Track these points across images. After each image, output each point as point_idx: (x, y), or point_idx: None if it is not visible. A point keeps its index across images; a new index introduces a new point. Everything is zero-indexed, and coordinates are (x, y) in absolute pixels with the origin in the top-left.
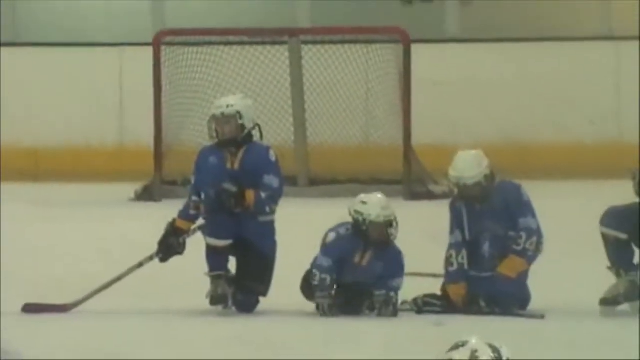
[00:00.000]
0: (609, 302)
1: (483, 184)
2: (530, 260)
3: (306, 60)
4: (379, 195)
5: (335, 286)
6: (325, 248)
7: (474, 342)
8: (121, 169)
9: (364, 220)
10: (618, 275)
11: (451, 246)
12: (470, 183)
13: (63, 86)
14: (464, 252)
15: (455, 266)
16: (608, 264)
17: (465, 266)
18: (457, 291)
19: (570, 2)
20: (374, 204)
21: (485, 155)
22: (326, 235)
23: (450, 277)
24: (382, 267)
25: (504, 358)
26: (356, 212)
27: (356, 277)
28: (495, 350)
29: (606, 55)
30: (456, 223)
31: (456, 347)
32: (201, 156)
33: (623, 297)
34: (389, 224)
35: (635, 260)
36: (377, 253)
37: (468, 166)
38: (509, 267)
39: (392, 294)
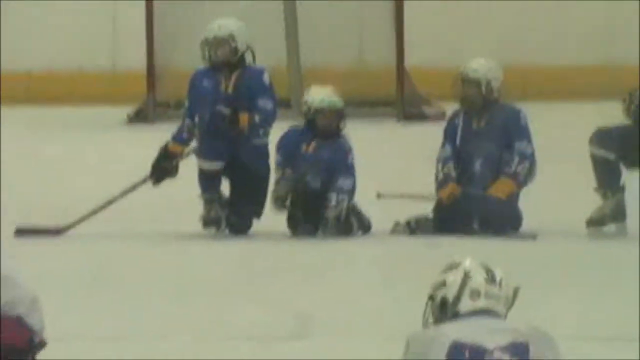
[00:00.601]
0: (595, 222)
1: (484, 90)
2: (521, 183)
3: None
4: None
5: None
6: (277, 143)
7: (467, 262)
8: (115, 92)
9: (309, 108)
10: (605, 196)
11: (438, 160)
12: (478, 77)
13: (55, 9)
14: (451, 164)
15: (441, 175)
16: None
17: (452, 173)
18: (447, 190)
19: None
20: (318, 91)
21: None
22: None
23: (438, 185)
24: (328, 156)
25: (498, 278)
26: (304, 102)
27: (304, 166)
28: (488, 270)
29: None
30: (449, 136)
31: (449, 268)
32: (195, 79)
33: (609, 218)
34: (336, 112)
35: (622, 181)
36: (324, 142)
37: (492, 65)
38: (499, 189)
39: (342, 198)
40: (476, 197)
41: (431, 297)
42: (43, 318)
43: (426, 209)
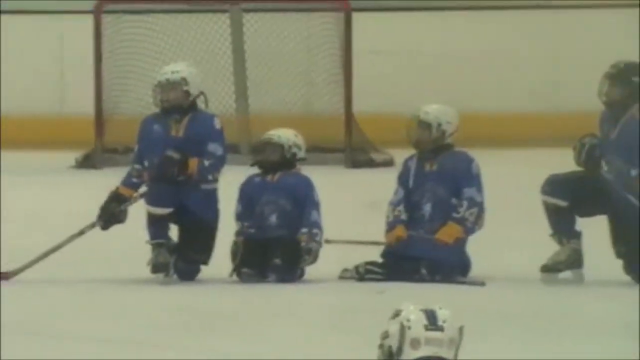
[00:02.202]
0: (549, 268)
1: (434, 133)
2: (469, 230)
3: (247, 28)
4: None
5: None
6: (239, 192)
7: (406, 311)
8: (63, 137)
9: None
10: (560, 242)
11: (389, 203)
12: (429, 120)
13: (4, 54)
14: (401, 206)
15: (391, 218)
16: (550, 232)
17: (402, 217)
18: (394, 234)
19: None
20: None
21: None
22: None
23: (387, 228)
24: (292, 185)
25: (440, 322)
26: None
27: (268, 194)
28: (430, 316)
29: (544, 24)
30: (402, 180)
31: (393, 316)
32: (145, 124)
33: (564, 265)
34: (284, 147)
35: (577, 228)
36: (286, 174)
37: (445, 109)
38: (446, 233)
39: (315, 231)
40: (424, 241)
41: (380, 346)
42: None
43: (375, 254)
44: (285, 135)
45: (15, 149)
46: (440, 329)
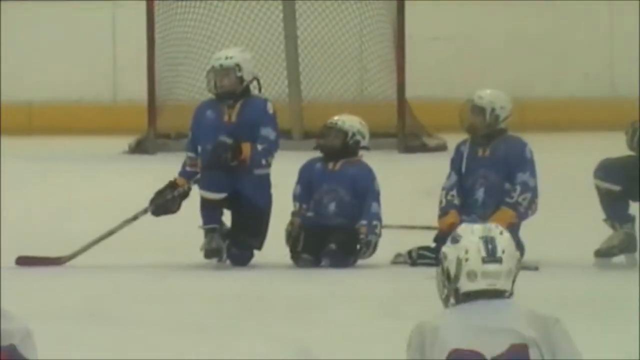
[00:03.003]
0: (603, 253)
1: (488, 117)
2: (522, 215)
3: (300, 14)
4: None
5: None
6: (298, 174)
7: (465, 240)
8: (116, 124)
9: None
10: (613, 227)
11: (442, 188)
12: (483, 104)
13: (57, 41)
14: (454, 191)
15: (444, 203)
16: (603, 216)
17: (455, 202)
18: (447, 220)
19: None
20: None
21: None
22: None
23: (440, 214)
24: (353, 175)
25: (499, 253)
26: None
27: (329, 183)
28: (488, 246)
29: (600, 11)
30: (455, 165)
31: (452, 240)
32: (198, 111)
33: (618, 249)
34: (348, 133)
35: (630, 212)
36: (348, 163)
37: (499, 94)
38: (499, 218)
39: (375, 223)
40: None
41: (439, 267)
42: (37, 352)
43: (427, 239)
44: (349, 121)
45: (69, 135)
46: (499, 260)
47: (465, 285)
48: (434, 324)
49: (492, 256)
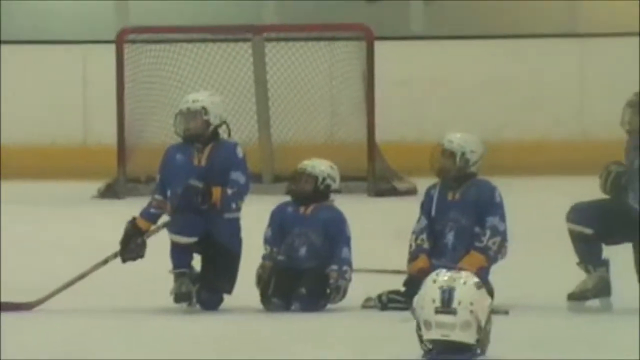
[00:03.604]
0: (576, 296)
1: (458, 161)
2: (492, 259)
3: (270, 58)
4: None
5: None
6: (270, 218)
7: (424, 289)
8: (86, 167)
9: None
10: (587, 271)
11: (412, 232)
12: (453, 148)
13: (27, 84)
14: (424, 235)
15: (413, 247)
16: (577, 260)
17: (425, 246)
18: (416, 265)
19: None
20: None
21: None
22: None
23: (409, 258)
24: (325, 220)
25: (455, 304)
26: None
27: (300, 227)
28: (444, 297)
29: (570, 53)
30: (425, 209)
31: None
32: (168, 154)
33: (591, 293)
34: (318, 178)
35: (604, 256)
36: (320, 207)
37: (469, 137)
38: (469, 262)
39: (345, 268)
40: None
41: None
42: None
43: (398, 283)
44: (320, 166)
45: (38, 179)
46: (453, 312)
47: (424, 334)
48: None
49: (445, 307)
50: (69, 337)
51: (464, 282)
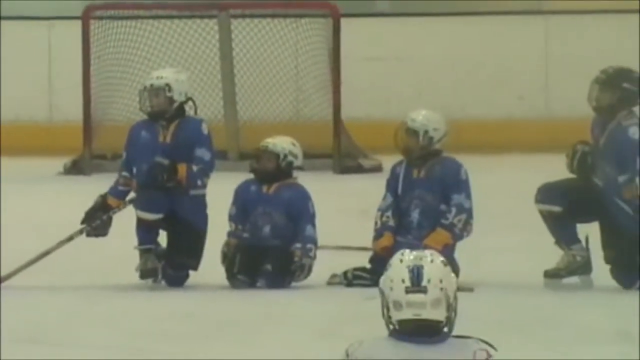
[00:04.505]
0: (550, 275)
1: (421, 140)
2: (457, 237)
3: (235, 35)
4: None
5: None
6: (233, 196)
7: (392, 268)
8: (52, 144)
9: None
10: (562, 249)
11: (378, 209)
12: (416, 127)
13: None
14: (390, 213)
15: (379, 224)
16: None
17: (390, 223)
18: (381, 243)
19: None
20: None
21: None
22: None
23: (375, 235)
24: (288, 199)
25: (424, 281)
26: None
27: (264, 206)
28: (414, 274)
29: (535, 32)
30: (391, 186)
31: (386, 268)
32: (133, 131)
33: (565, 272)
34: (279, 155)
35: (586, 234)
36: (283, 186)
37: (433, 115)
38: (434, 240)
39: (309, 246)
40: (412, 248)
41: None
42: None
43: (363, 260)
44: (281, 143)
45: (5, 155)
46: (423, 290)
47: (394, 314)
48: (366, 353)
49: (416, 286)
50: (34, 315)
51: (431, 260)
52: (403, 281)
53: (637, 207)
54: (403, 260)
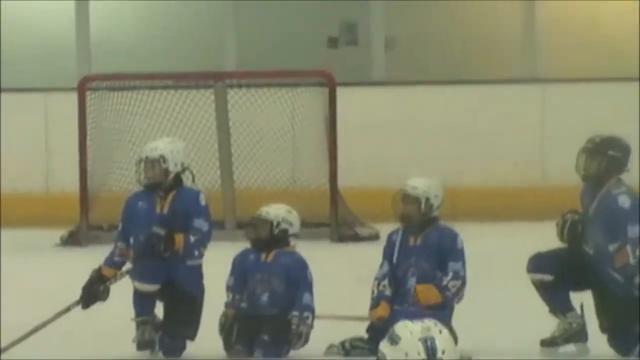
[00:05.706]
0: (547, 343)
1: (423, 207)
2: (448, 300)
3: (232, 104)
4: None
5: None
6: (231, 265)
7: (404, 340)
8: (48, 215)
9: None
10: (558, 318)
11: (375, 279)
12: (417, 195)
13: None
14: (386, 281)
15: (375, 293)
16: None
17: (387, 292)
18: (377, 313)
19: (495, 44)
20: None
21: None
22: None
23: (371, 304)
24: (286, 266)
25: (440, 353)
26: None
27: (262, 273)
28: (430, 346)
29: (531, 97)
30: (387, 254)
31: (390, 340)
32: (130, 202)
33: (561, 339)
34: (273, 223)
35: (581, 302)
36: (281, 253)
37: (432, 183)
38: (424, 295)
39: (306, 314)
40: (409, 316)
41: None
42: None
43: (360, 329)
44: (274, 211)
45: (2, 226)
46: None
47: None
48: None
49: (432, 357)
50: None
51: (440, 330)
52: (419, 354)
53: (627, 274)
54: (413, 333)
